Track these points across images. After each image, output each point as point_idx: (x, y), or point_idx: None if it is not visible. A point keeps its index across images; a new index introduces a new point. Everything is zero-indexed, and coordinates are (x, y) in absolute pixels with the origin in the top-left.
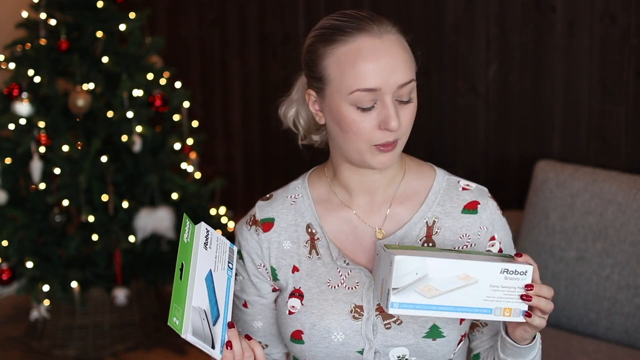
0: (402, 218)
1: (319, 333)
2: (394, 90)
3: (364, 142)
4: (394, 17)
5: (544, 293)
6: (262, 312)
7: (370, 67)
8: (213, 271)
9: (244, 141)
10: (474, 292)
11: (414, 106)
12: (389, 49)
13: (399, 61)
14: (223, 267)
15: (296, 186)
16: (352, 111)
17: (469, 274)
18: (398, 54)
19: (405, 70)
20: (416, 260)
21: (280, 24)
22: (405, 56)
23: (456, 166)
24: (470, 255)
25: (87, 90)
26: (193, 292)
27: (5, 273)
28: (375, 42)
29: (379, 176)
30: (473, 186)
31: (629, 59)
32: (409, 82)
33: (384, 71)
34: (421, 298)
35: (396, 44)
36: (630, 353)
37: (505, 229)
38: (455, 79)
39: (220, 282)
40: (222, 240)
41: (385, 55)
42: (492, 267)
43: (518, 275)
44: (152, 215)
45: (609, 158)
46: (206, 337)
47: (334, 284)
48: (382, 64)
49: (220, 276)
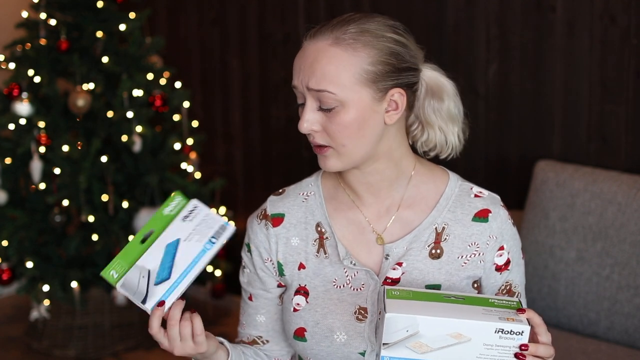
0: (410, 222)
1: (321, 332)
2: (306, 90)
3: None
4: (393, 17)
5: (541, 353)
6: (265, 307)
7: (294, 66)
8: (182, 240)
9: (244, 141)
10: (467, 350)
11: (343, 118)
12: (309, 54)
13: (313, 68)
14: (200, 240)
15: (309, 183)
16: None
17: (461, 333)
18: (315, 61)
19: (318, 78)
20: (407, 318)
21: (280, 24)
22: (323, 66)
23: (456, 166)
24: (465, 312)
25: (87, 90)
26: (145, 255)
27: (5, 273)
28: (305, 45)
29: (373, 179)
30: (485, 194)
31: (629, 59)
32: (317, 90)
33: (300, 71)
34: (412, 353)
35: (319, 51)
36: (630, 353)
37: (514, 239)
38: (455, 79)
39: (188, 251)
40: (213, 216)
41: (304, 56)
42: (486, 327)
43: (514, 335)
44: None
45: (609, 158)
46: (138, 292)
47: (339, 284)
48: (299, 65)
49: (190, 246)
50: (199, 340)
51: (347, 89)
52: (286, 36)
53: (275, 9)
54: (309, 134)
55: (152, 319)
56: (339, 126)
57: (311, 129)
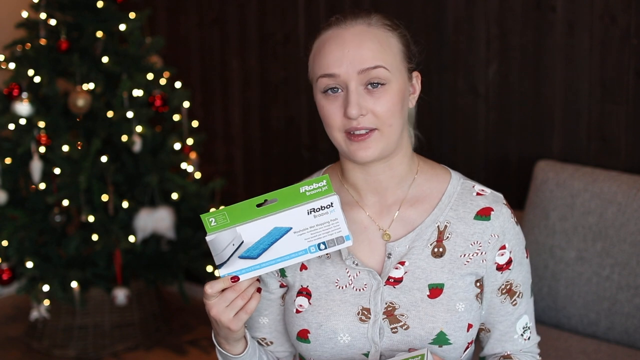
0: (412, 221)
1: (325, 333)
2: (355, 76)
3: (336, 129)
4: (393, 17)
5: None
6: (268, 308)
7: (331, 54)
8: (292, 231)
9: (244, 141)
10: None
11: (392, 96)
12: (351, 37)
13: (362, 48)
14: (309, 240)
15: None
16: (321, 97)
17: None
18: (361, 42)
19: (367, 57)
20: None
21: (280, 24)
22: (371, 44)
23: (456, 166)
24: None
25: (87, 90)
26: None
27: (5, 273)
28: (339, 32)
29: (384, 176)
30: (488, 192)
31: (629, 59)
32: (372, 67)
33: (343, 57)
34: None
35: (361, 33)
36: (630, 353)
37: (517, 237)
38: (455, 79)
39: (290, 244)
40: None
41: (345, 43)
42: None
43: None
44: (152, 215)
45: (609, 158)
46: (220, 254)
47: (342, 285)
48: (342, 50)
49: (295, 241)
50: (241, 317)
51: (394, 66)
52: (286, 36)
53: (275, 9)
54: (354, 119)
55: (218, 282)
56: (387, 103)
57: (360, 112)
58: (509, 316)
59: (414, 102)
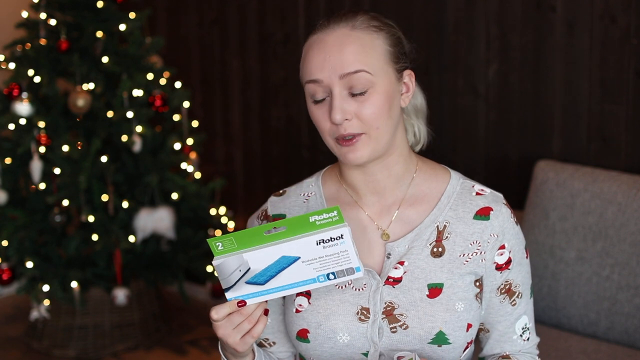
0: (412, 220)
1: (324, 333)
2: (338, 80)
3: (326, 134)
4: (394, 17)
5: None
6: (270, 309)
7: (314, 59)
8: (301, 261)
9: (244, 141)
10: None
11: (377, 99)
12: (333, 41)
13: (343, 53)
14: (318, 270)
15: (310, 184)
16: (310, 103)
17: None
18: (342, 46)
19: (349, 61)
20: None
21: (280, 24)
22: (352, 48)
23: (456, 166)
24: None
25: (87, 90)
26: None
27: (5, 273)
28: (322, 37)
29: (381, 176)
30: (487, 191)
31: (629, 59)
32: (354, 72)
33: (325, 63)
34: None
35: (343, 37)
36: (630, 353)
37: (517, 237)
38: (455, 79)
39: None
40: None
41: (327, 48)
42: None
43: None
44: (152, 215)
45: (609, 158)
46: (227, 279)
47: (341, 284)
48: (323, 56)
49: (304, 270)
50: (247, 340)
51: (378, 69)
52: (286, 36)
53: (275, 9)
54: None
55: (223, 306)
56: (372, 107)
57: (344, 117)
58: (508, 316)
59: (407, 101)
